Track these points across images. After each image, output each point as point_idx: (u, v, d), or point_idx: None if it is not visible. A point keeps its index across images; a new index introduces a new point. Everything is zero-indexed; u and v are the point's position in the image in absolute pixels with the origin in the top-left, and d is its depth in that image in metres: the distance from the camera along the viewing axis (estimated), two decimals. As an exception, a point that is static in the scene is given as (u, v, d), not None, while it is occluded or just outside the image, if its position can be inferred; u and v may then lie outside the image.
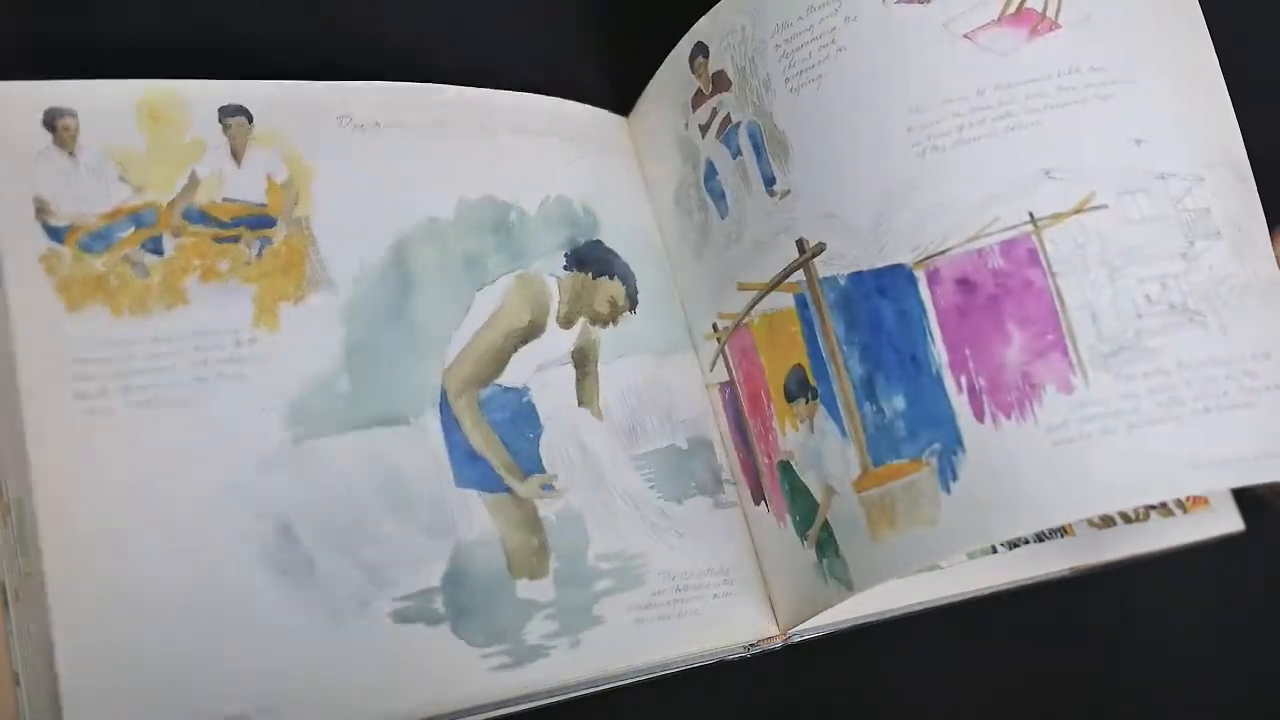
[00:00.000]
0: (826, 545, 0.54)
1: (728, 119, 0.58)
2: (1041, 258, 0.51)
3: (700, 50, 0.59)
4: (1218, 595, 0.66)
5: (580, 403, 0.57)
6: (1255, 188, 0.53)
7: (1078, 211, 0.50)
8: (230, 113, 0.54)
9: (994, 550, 0.60)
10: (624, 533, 0.56)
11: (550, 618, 0.53)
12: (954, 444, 0.50)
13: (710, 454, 0.59)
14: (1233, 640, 0.65)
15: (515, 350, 0.57)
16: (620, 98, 0.64)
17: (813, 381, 0.54)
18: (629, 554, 0.55)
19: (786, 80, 0.55)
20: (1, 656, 0.50)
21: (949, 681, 0.64)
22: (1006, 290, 0.51)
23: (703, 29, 0.59)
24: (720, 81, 0.58)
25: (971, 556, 0.59)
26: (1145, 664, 0.64)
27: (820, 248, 0.54)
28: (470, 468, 0.54)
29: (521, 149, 0.59)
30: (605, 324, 0.58)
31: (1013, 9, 0.52)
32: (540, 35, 0.69)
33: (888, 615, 0.59)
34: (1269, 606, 0.66)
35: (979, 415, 0.50)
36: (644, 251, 0.61)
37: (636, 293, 0.60)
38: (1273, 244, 0.53)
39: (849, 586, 0.53)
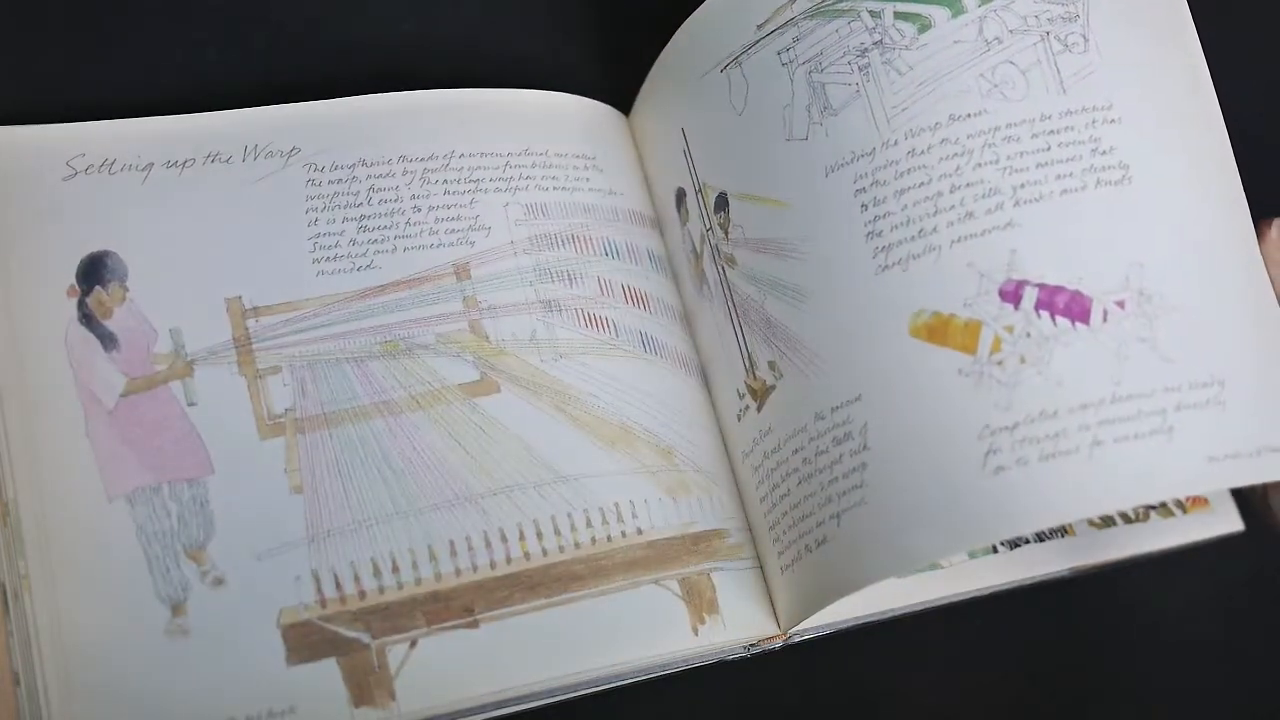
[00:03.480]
0: None
1: None
2: None
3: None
4: (1218, 595, 0.66)
5: None
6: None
7: None
8: None
9: (994, 550, 0.60)
10: None
11: None
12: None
13: None
14: (1232, 640, 0.65)
15: None
16: (620, 96, 0.64)
17: None
18: None
19: None
20: (1, 656, 0.50)
21: (949, 681, 0.64)
22: None
23: None
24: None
25: (972, 556, 0.60)
26: (1145, 664, 0.64)
27: None
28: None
29: None
30: None
31: None
32: (536, 36, 0.69)
33: (888, 615, 0.59)
34: (1269, 606, 0.66)
35: None
36: None
37: None
38: (1259, 240, 0.54)
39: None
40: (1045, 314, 0.51)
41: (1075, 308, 0.51)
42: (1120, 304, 0.51)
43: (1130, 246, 0.52)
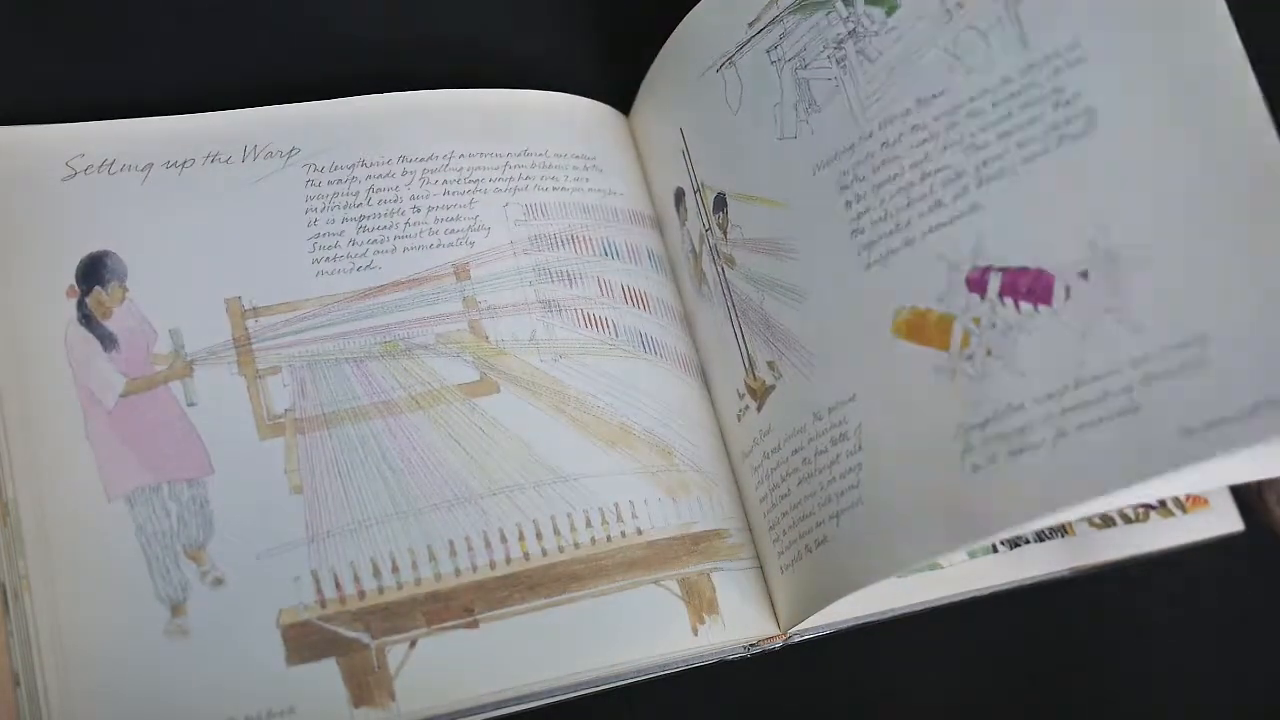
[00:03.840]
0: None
1: None
2: None
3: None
4: (1218, 595, 0.66)
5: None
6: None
7: None
8: None
9: (994, 550, 0.60)
10: None
11: None
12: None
13: None
14: (1232, 640, 0.65)
15: None
16: (620, 96, 0.64)
17: None
18: None
19: None
20: (1, 657, 0.50)
21: (949, 681, 0.64)
22: None
23: None
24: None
25: (972, 556, 0.59)
26: (1145, 664, 0.64)
27: None
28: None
29: None
30: None
31: None
32: (536, 36, 0.69)
33: (888, 615, 0.59)
34: (1269, 606, 0.66)
35: None
36: None
37: None
38: None
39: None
40: (1009, 300, 0.50)
41: (1038, 289, 0.49)
42: (1084, 275, 0.48)
43: (1093, 206, 0.48)
